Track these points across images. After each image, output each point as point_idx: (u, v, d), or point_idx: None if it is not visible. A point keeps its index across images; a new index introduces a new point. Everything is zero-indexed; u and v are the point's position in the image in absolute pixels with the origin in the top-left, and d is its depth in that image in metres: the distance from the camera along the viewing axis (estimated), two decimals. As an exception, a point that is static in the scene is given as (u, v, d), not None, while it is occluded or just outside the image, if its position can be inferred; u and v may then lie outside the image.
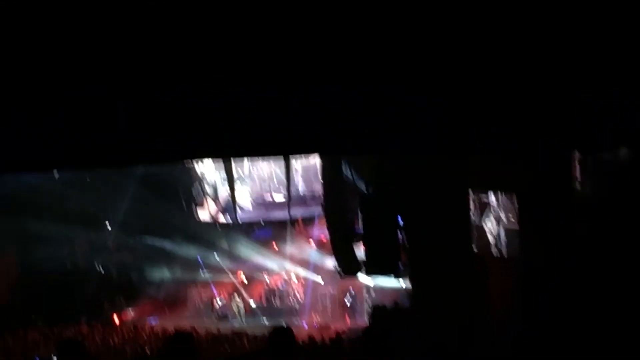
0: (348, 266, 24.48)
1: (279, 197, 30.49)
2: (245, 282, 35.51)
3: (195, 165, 31.61)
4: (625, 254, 14.90)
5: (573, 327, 15.39)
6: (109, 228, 35.27)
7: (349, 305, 31.91)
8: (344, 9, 9.02)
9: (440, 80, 9.85)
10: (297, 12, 9.00)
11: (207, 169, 31.69)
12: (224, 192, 31.32)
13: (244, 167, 30.53)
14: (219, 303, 35.09)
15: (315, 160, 27.92)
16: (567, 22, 9.21)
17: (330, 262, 28.33)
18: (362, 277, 27.34)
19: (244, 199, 30.93)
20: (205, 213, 32.71)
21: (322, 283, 33.30)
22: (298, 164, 29.82)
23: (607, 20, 9.24)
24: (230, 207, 31.01)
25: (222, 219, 32.82)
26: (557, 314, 15.96)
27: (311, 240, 34.57)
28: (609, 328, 14.50)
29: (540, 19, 9.17)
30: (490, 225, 18.38)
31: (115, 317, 33.82)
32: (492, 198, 18.22)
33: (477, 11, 9.13)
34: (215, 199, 31.96)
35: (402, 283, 25.84)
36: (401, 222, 21.69)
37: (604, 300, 15.00)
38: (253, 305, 34.56)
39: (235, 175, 30.16)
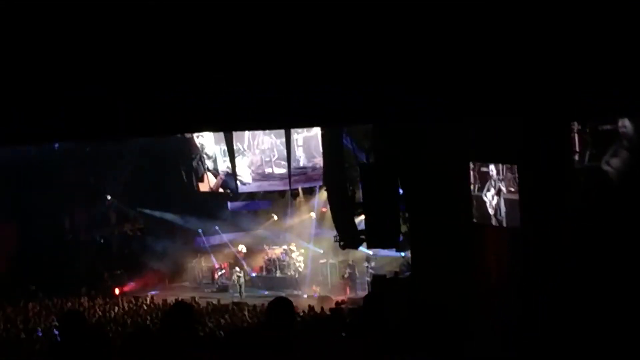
0: (349, 239, 24.50)
1: (280, 169, 30.44)
2: (246, 252, 35.61)
3: (196, 138, 31.53)
4: (625, 232, 14.95)
5: (569, 299, 15.45)
6: (109, 199, 35.29)
7: (348, 276, 31.97)
8: (344, 8, 9.00)
9: (439, 74, 9.84)
10: (297, 12, 8.99)
11: (208, 141, 31.60)
12: (224, 164, 31.23)
13: (245, 140, 30.41)
14: (220, 274, 35.17)
15: (316, 132, 27.87)
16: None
17: (331, 233, 28.38)
18: (363, 248, 27.41)
19: (245, 171, 30.88)
20: (205, 185, 32.68)
21: (323, 254, 33.37)
22: (299, 136, 29.73)
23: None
24: (231, 179, 30.98)
25: (222, 190, 32.79)
26: (555, 285, 16.02)
27: (312, 211, 34.65)
28: (607, 298, 14.57)
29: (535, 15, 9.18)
30: (490, 197, 18.42)
31: (115, 288, 33.89)
32: (492, 169, 18.25)
33: (476, 9, 9.13)
34: (216, 171, 31.88)
35: (402, 253, 25.93)
36: (402, 193, 21.73)
37: (602, 270, 15.05)
38: (253, 276, 34.66)
39: (235, 147, 30.10)
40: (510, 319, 16.22)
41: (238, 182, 30.64)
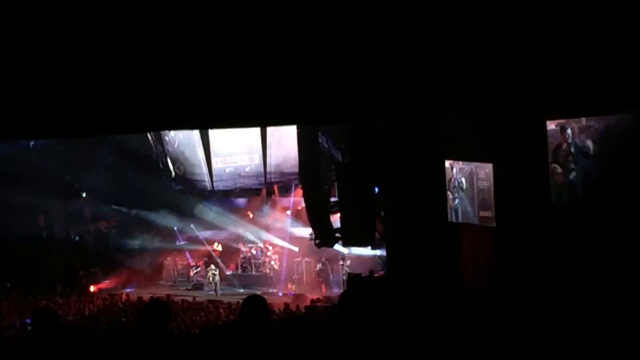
0: (324, 237, 24.54)
1: (256, 167, 30.39)
2: (221, 250, 35.55)
3: (172, 134, 31.40)
4: (599, 225, 15.04)
5: (547, 296, 15.54)
6: (84, 196, 35.14)
7: (324, 274, 31.96)
8: (322, 7, 9.05)
9: (418, 71, 9.91)
10: (274, 12, 9.03)
11: (184, 138, 31.49)
12: (200, 161, 31.16)
13: (220, 136, 30.34)
14: (195, 272, 35.11)
15: (292, 129, 27.84)
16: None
17: (306, 231, 28.40)
18: (339, 247, 27.45)
19: (220, 168, 30.81)
20: (181, 182, 32.60)
21: (298, 252, 33.35)
22: (275, 134, 29.70)
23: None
24: (206, 176, 30.92)
25: (198, 187, 32.72)
26: (533, 283, 16.12)
27: (287, 209, 34.63)
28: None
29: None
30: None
31: (91, 286, 33.77)
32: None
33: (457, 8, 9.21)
34: (192, 168, 31.78)
35: (377, 251, 25.95)
36: (377, 192, 21.79)
37: (581, 266, 15.17)
38: (228, 273, 34.61)
39: (211, 144, 30.05)
40: (488, 315, 16.31)
41: (214, 180, 30.61)
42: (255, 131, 29.32)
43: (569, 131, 15.39)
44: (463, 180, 18.29)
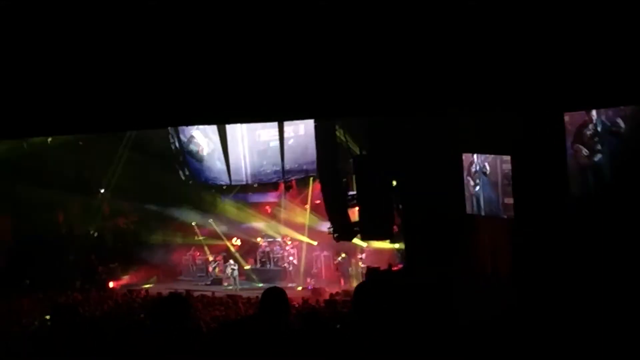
0: (343, 231, 24.53)
1: (274, 161, 30.30)
2: (240, 245, 35.58)
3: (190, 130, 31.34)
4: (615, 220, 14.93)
5: (564, 290, 15.45)
6: (103, 192, 35.19)
7: (343, 267, 31.97)
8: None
9: (434, 67, 9.87)
10: (289, 6, 9.02)
11: (201, 134, 31.42)
12: (218, 156, 31.09)
13: (238, 131, 30.27)
14: (214, 267, 35.17)
15: (310, 123, 27.79)
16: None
17: (325, 226, 28.40)
18: (357, 240, 27.44)
19: (238, 162, 30.74)
20: (198, 177, 32.56)
21: (316, 246, 33.35)
22: (292, 127, 29.62)
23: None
24: (224, 170, 30.86)
25: (216, 182, 32.68)
26: (549, 276, 16.05)
27: (305, 203, 34.61)
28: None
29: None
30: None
31: (110, 282, 33.88)
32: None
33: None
34: (209, 163, 31.72)
35: (395, 245, 25.95)
36: (395, 185, 21.78)
37: (598, 259, 15.06)
38: (247, 268, 34.64)
39: (228, 139, 29.98)
40: (505, 309, 16.25)
41: (232, 174, 30.54)
42: (273, 125, 29.26)
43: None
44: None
